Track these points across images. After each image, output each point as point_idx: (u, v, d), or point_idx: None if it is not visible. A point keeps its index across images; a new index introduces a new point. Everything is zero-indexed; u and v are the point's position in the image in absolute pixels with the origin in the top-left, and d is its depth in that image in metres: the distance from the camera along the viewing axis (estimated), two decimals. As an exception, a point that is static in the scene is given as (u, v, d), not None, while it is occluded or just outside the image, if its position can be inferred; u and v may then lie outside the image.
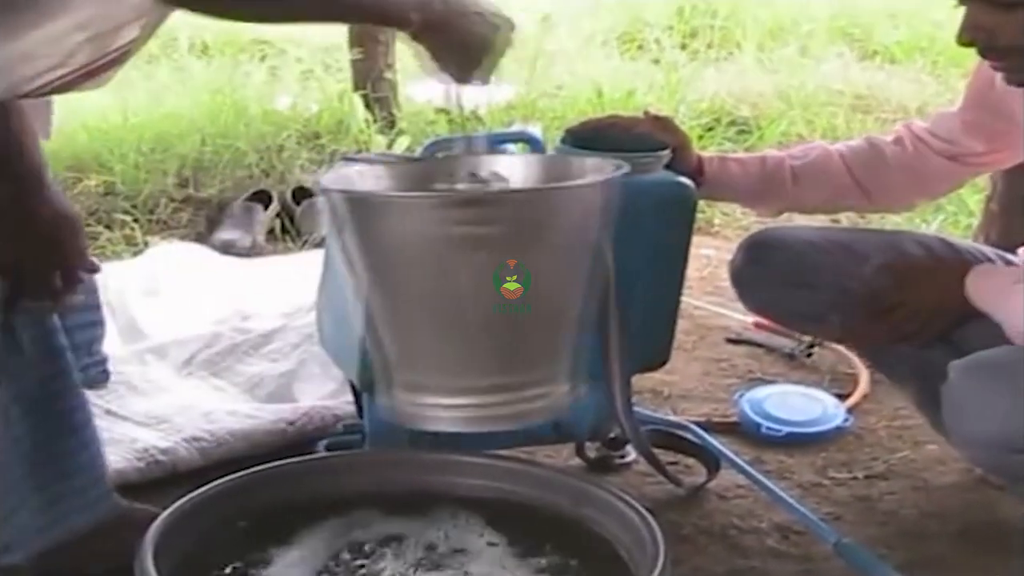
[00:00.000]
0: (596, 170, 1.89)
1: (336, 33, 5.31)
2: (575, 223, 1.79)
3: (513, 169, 1.96)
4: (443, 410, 1.84)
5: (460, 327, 1.77)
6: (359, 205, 1.78)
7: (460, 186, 1.72)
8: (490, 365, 1.81)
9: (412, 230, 1.72)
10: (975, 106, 2.35)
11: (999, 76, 2.10)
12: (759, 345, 2.99)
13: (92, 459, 1.84)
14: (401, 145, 4.42)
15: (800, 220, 2.97)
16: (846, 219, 3.53)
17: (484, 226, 1.71)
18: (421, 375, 1.81)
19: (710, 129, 4.87)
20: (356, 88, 4.90)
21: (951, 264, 2.21)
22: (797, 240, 2.42)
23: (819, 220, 3.09)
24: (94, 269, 1.81)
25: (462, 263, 1.72)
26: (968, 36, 2.01)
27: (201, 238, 3.85)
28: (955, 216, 3.90)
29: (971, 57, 2.15)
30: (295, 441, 2.38)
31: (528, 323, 1.78)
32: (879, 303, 2.18)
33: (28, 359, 1.71)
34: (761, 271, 2.41)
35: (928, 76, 5.64)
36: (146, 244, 3.73)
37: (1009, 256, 2.35)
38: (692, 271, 2.38)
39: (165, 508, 1.81)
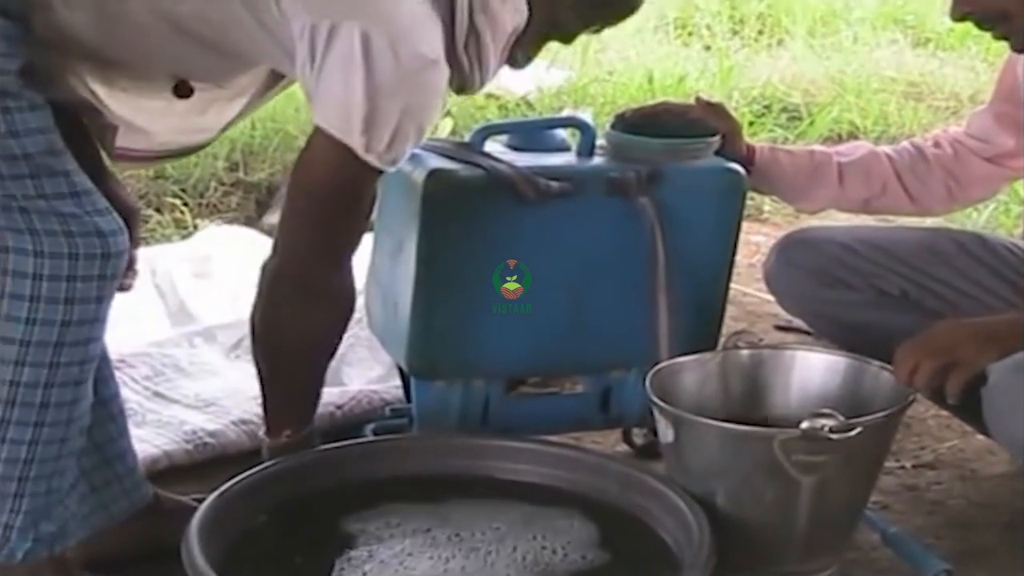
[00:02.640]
0: (890, 384, 1.96)
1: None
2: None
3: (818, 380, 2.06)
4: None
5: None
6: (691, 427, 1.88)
7: (804, 425, 1.77)
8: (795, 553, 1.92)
9: (747, 459, 1.85)
10: (1004, 98, 2.35)
11: (1020, 64, 2.09)
12: (808, 332, 2.97)
13: (129, 447, 1.87)
14: (445, 128, 4.41)
15: (839, 219, 2.97)
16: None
17: (819, 456, 1.80)
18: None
19: (761, 116, 4.85)
20: (406, 72, 4.89)
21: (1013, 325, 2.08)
22: (829, 241, 2.41)
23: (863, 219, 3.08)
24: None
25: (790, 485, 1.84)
26: (960, 11, 2.03)
27: (251, 222, 3.86)
28: (1007, 205, 3.87)
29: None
30: (343, 425, 2.38)
31: (829, 516, 1.90)
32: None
33: None
34: (794, 273, 2.41)
35: (981, 63, 5.59)
36: (196, 227, 3.74)
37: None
38: (741, 258, 2.37)
39: (213, 490, 1.82)
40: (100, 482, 1.82)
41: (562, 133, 2.25)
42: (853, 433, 1.75)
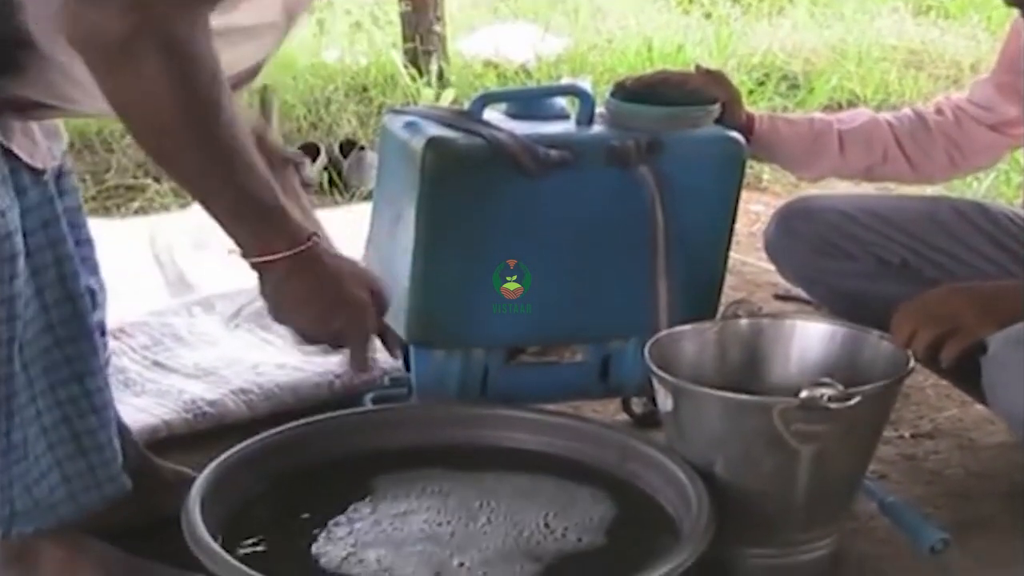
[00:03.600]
0: (890, 353, 1.94)
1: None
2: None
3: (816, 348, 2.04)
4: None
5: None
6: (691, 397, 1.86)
7: (803, 394, 1.76)
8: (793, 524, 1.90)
9: (746, 428, 1.82)
10: (1008, 69, 2.34)
11: None
12: (807, 302, 2.97)
13: (109, 438, 1.81)
14: (447, 98, 4.41)
15: (839, 187, 2.97)
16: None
17: (818, 425, 1.78)
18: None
19: (761, 84, 4.84)
20: (405, 41, 4.89)
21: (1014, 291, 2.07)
22: (830, 210, 2.41)
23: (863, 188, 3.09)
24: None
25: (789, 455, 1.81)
26: None
27: (249, 191, 3.85)
28: (1007, 174, 3.86)
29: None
30: (342, 394, 2.39)
31: (827, 486, 1.88)
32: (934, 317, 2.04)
33: (56, 338, 1.72)
34: (794, 242, 2.41)
35: (983, 32, 5.58)
36: (194, 197, 3.74)
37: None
38: (740, 227, 2.37)
39: (212, 460, 1.82)
40: (72, 472, 1.77)
41: (561, 101, 2.24)
42: (852, 402, 1.75)
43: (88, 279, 1.85)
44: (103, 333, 1.92)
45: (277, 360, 2.52)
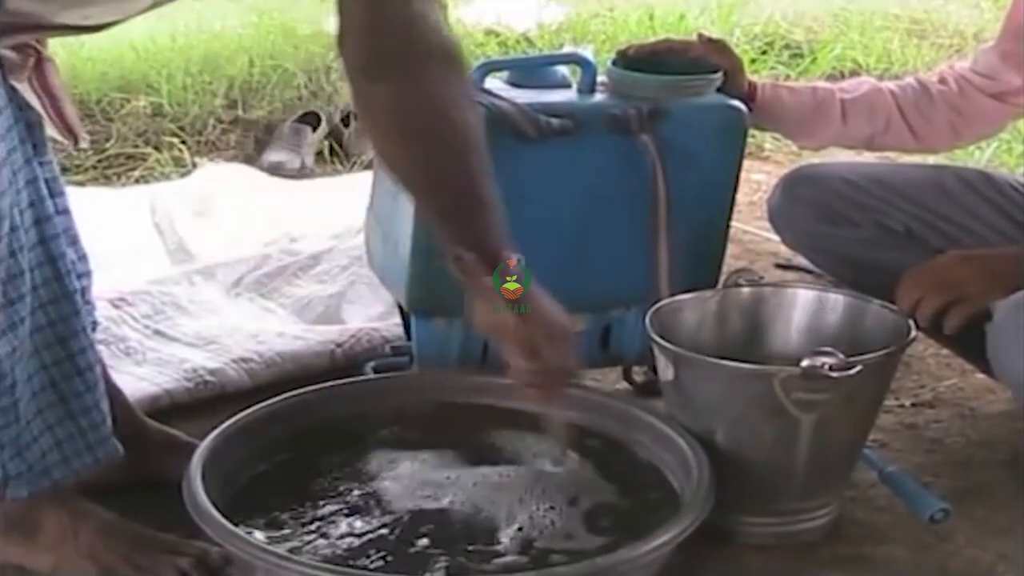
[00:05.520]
0: (891, 323, 1.93)
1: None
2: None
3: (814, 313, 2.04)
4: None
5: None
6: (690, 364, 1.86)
7: (805, 362, 1.75)
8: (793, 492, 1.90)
9: (747, 397, 1.82)
10: (1012, 38, 2.34)
11: None
12: (808, 271, 2.97)
13: (96, 401, 1.81)
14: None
15: (841, 156, 2.96)
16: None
17: (819, 394, 1.78)
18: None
19: (763, 53, 4.83)
20: (406, 9, 4.86)
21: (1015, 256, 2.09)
22: (835, 177, 2.41)
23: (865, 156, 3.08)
24: None
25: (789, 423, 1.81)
26: None
27: (250, 160, 3.85)
28: (1009, 144, 3.85)
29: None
30: (343, 363, 2.39)
31: (828, 454, 1.88)
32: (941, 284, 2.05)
33: (39, 301, 1.72)
34: (798, 209, 2.41)
35: (986, 1, 5.55)
36: (194, 165, 3.73)
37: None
38: (742, 196, 2.36)
39: (214, 429, 1.82)
40: (64, 435, 1.77)
41: (563, 70, 2.24)
42: (853, 371, 1.75)
43: (67, 249, 1.84)
44: (84, 303, 1.92)
45: (278, 329, 2.52)
